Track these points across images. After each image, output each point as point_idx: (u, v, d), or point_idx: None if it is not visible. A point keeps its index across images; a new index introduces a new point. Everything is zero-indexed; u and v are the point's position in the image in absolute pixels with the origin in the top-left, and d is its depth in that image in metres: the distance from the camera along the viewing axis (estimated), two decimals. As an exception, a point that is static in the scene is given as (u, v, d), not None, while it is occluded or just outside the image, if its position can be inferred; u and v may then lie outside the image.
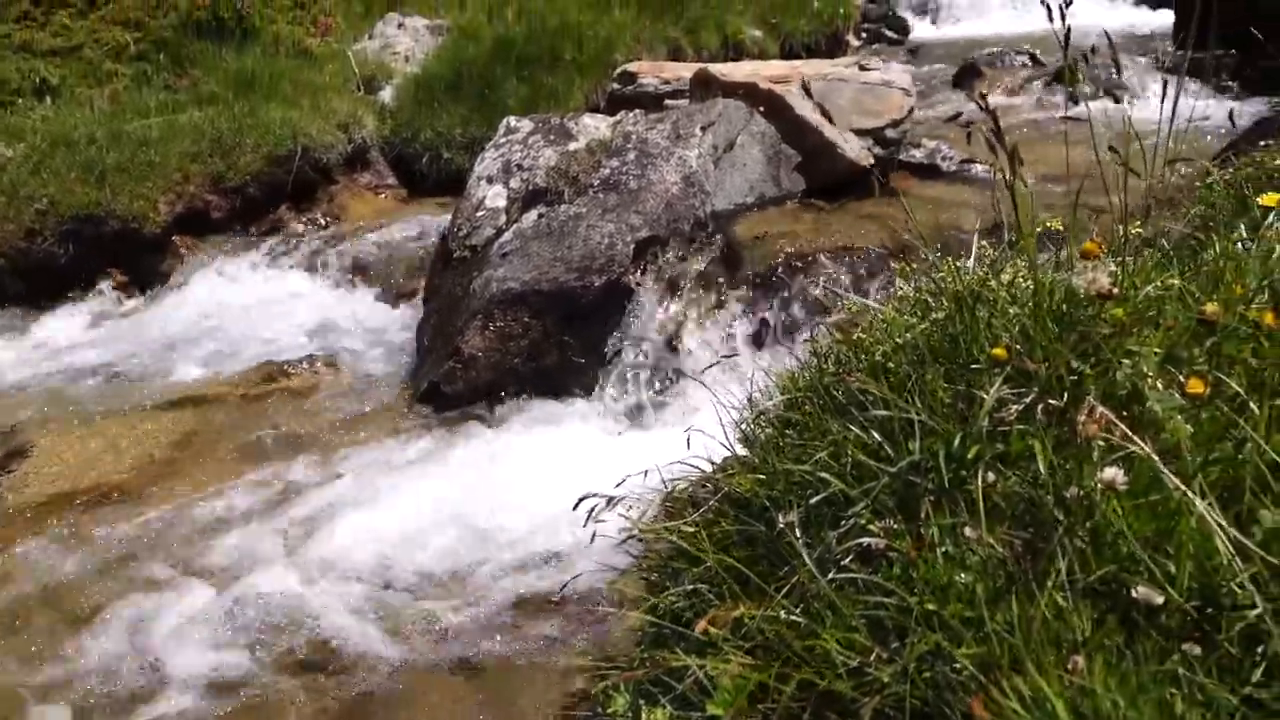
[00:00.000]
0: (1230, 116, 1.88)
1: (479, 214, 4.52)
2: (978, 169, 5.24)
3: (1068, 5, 1.63)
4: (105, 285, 5.35)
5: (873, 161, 4.77)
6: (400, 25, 7.37)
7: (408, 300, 4.83)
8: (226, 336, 4.72)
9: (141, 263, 5.45)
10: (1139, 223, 1.84)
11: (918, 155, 5.34)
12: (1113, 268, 1.58)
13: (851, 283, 3.78)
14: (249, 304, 4.98)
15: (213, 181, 5.73)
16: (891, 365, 1.76)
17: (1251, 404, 1.43)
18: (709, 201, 4.41)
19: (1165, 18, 9.09)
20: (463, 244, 4.46)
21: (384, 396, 4.11)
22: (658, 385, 3.78)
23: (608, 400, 3.80)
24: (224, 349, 4.62)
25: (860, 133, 4.85)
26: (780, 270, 3.97)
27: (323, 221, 6.00)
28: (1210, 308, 1.43)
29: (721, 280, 4.11)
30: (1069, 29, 1.90)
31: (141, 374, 4.46)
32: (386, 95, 6.88)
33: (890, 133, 4.94)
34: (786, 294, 3.86)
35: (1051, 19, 1.72)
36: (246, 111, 6.05)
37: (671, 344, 3.98)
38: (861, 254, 4.07)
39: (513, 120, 4.93)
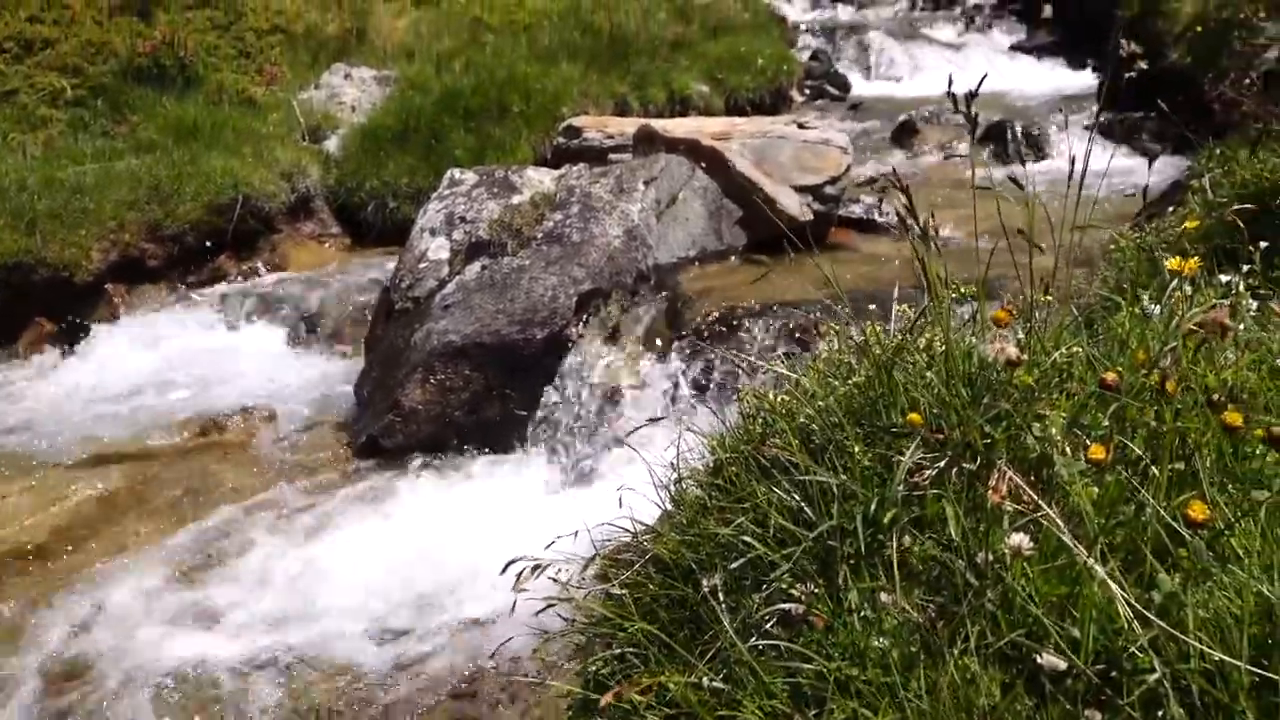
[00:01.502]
0: (1144, 192, 1.97)
1: (421, 266, 4.51)
2: (914, 224, 5.40)
3: (973, 98, 1.71)
4: (33, 335, 5.20)
5: (812, 217, 4.89)
6: (347, 75, 7.40)
7: (349, 351, 4.78)
8: (159, 388, 4.62)
9: (72, 312, 5.31)
10: (1048, 288, 1.92)
11: (857, 210, 5.49)
12: (1021, 335, 1.64)
13: (790, 337, 3.85)
14: (184, 354, 4.88)
15: (149, 230, 5.64)
16: (815, 427, 1.79)
17: (1153, 468, 1.49)
18: (651, 255, 4.47)
19: (1091, 79, 9.54)
20: (405, 296, 4.44)
21: (322, 451, 4.04)
22: (598, 438, 3.78)
23: (548, 453, 3.78)
24: (156, 401, 4.51)
25: (800, 189, 4.98)
26: (721, 323, 4.03)
27: (264, 271, 5.93)
28: (1110, 375, 1.49)
29: (663, 333, 4.15)
30: (975, 112, 1.99)
31: (66, 429, 4.32)
32: (332, 145, 6.87)
33: (829, 189, 5.08)
34: (727, 347, 3.90)
35: (952, 96, 1.79)
36: (187, 159, 5.99)
37: (613, 397, 3.99)
38: (800, 308, 4.15)
39: (457, 172, 4.96)
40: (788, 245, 4.84)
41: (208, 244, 5.83)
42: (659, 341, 4.09)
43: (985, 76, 2.38)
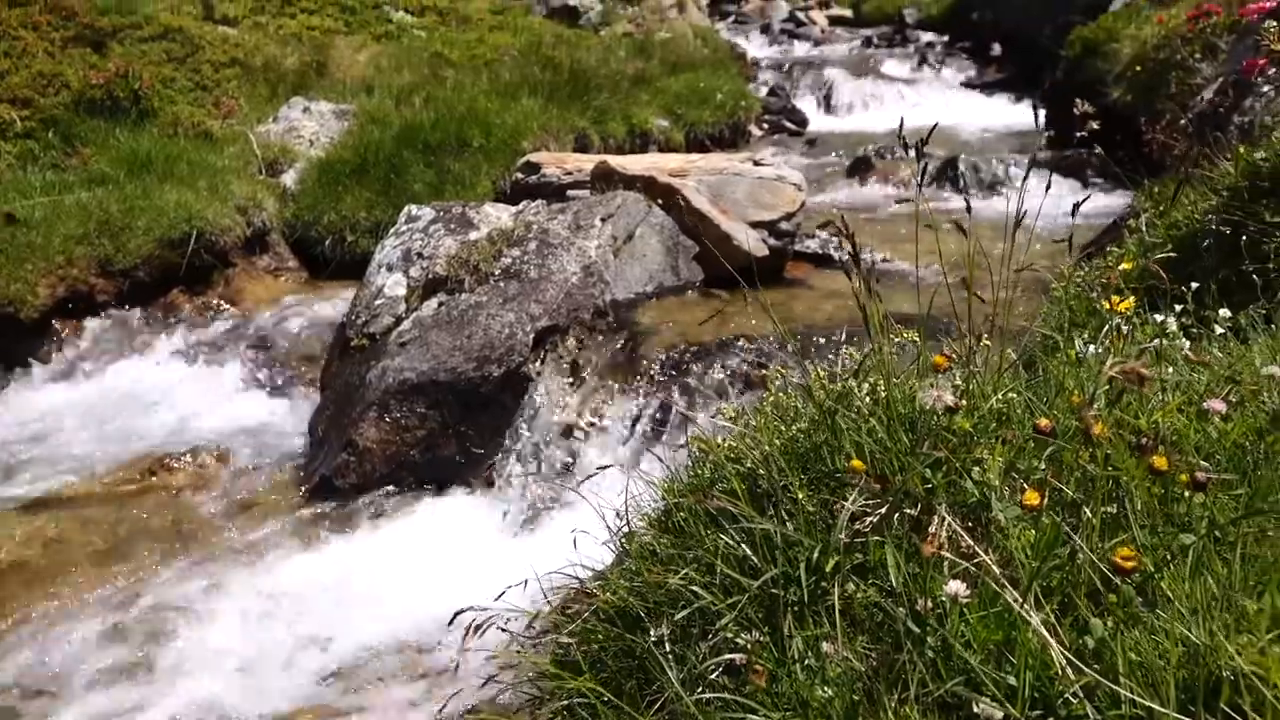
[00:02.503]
0: (1070, 240, 2.03)
1: (378, 302, 4.49)
2: (869, 258, 5.50)
3: (921, 155, 1.76)
4: (-26, 373, 5.07)
5: (768, 252, 4.96)
6: (306, 109, 7.37)
7: (304, 389, 4.72)
8: (104, 427, 4.51)
9: (16, 348, 5.18)
10: (990, 329, 1.96)
11: (812, 245, 5.58)
12: (958, 381, 1.68)
13: (745, 374, 3.88)
14: (131, 392, 4.78)
15: (99, 265, 5.54)
16: (762, 472, 1.81)
17: (1086, 510, 1.52)
18: (609, 291, 4.49)
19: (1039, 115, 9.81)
20: (361, 332, 4.41)
21: (273, 492, 3.97)
22: (555, 477, 3.76)
23: (505, 493, 3.76)
24: (100, 441, 4.40)
25: (756, 225, 5.04)
26: (678, 360, 4.05)
27: (217, 305, 5.84)
28: (1044, 421, 1.53)
29: (620, 369, 4.16)
30: (925, 153, 2.04)
31: (6, 469, 4.20)
32: (289, 178, 6.82)
33: (784, 225, 5.15)
34: (684, 384, 3.92)
35: (903, 137, 1.84)
36: (140, 193, 5.91)
37: (570, 434, 3.98)
38: (756, 343, 4.18)
39: (414, 208, 4.95)
40: (744, 280, 4.91)
41: (160, 279, 5.74)
42: (617, 378, 4.10)
43: (935, 126, 2.44)
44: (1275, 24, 2.90)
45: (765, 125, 10.36)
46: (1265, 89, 3.45)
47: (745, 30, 15.38)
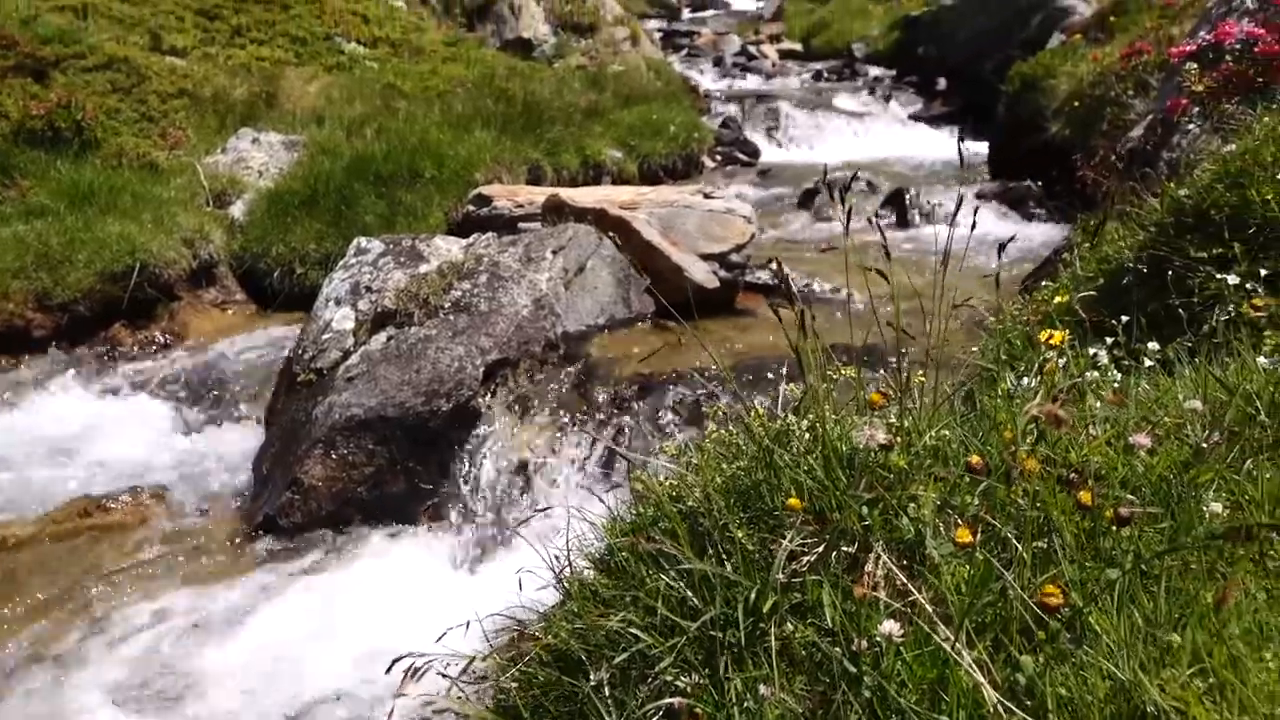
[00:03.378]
0: (997, 278, 2.07)
1: (325, 336, 4.42)
2: (818, 289, 5.57)
3: (845, 202, 1.79)
4: (-99, 412, 4.88)
5: (718, 284, 5.00)
6: (255, 140, 7.29)
7: (248, 425, 4.62)
8: (37, 467, 4.36)
9: (-52, 386, 5.01)
10: (927, 366, 1.99)
11: (763, 277, 5.63)
12: (893, 419, 1.70)
13: (693, 406, 3.89)
14: (67, 429, 4.63)
15: (37, 299, 5.40)
16: (703, 510, 1.81)
17: (1019, 546, 1.54)
18: (560, 323, 4.49)
19: (982, 147, 10.08)
20: (307, 367, 4.34)
21: (215, 532, 3.87)
22: (505, 512, 3.72)
23: (454, 530, 3.71)
24: (33, 481, 4.25)
25: (706, 257, 5.09)
26: (629, 392, 4.05)
27: (161, 340, 5.71)
28: (975, 459, 1.55)
29: (572, 402, 4.14)
30: (871, 182, 2.08)
31: (-67, 514, 4.04)
32: (238, 210, 6.73)
33: (735, 257, 5.21)
34: (634, 417, 3.92)
35: (823, 188, 1.88)
36: (81, 225, 5.78)
37: (520, 469, 3.95)
38: (706, 375, 4.20)
39: (363, 241, 4.91)
40: (695, 312, 4.94)
41: (101, 313, 5.60)
42: (568, 411, 4.08)
43: (854, 176, 2.49)
44: (1195, 66, 3.02)
45: (718, 157, 10.50)
46: (1190, 127, 3.58)
47: (698, 63, 15.62)
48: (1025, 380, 2.17)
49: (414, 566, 3.44)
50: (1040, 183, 7.66)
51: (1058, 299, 2.76)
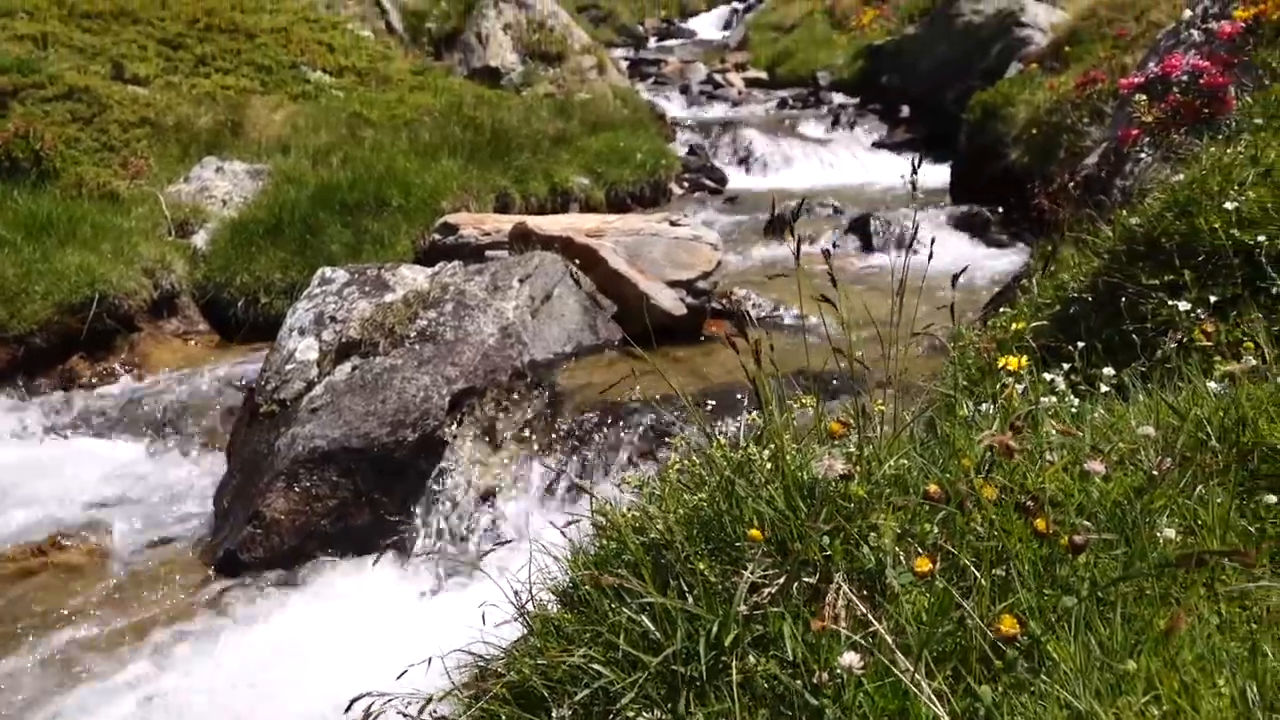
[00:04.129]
0: (952, 308, 2.10)
1: (289, 367, 4.37)
2: (785, 315, 5.62)
3: (794, 233, 1.81)
4: None
5: (685, 311, 5.02)
6: (219, 169, 7.23)
7: (209, 458, 4.54)
8: (-9, 505, 4.25)
9: (-104, 422, 4.88)
10: (890, 392, 2.01)
11: (730, 303, 5.67)
12: (852, 448, 1.71)
13: (661, 434, 3.88)
14: (20, 464, 4.52)
15: (-9, 332, 5.29)
16: (665, 542, 1.80)
17: (978, 574, 1.55)
18: (526, 352, 4.48)
19: (946, 173, 10.25)
20: (270, 398, 4.28)
21: (174, 569, 3.78)
22: (471, 543, 3.68)
23: (419, 561, 3.66)
24: (-13, 520, 4.14)
25: (673, 284, 5.11)
26: (595, 421, 4.04)
27: (120, 372, 5.61)
28: (933, 488, 1.56)
29: (539, 430, 4.12)
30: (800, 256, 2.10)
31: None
32: (201, 239, 6.66)
33: (701, 284, 5.24)
34: (600, 445, 3.91)
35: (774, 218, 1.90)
36: (38, 256, 5.69)
37: (487, 498, 3.91)
38: (674, 402, 4.21)
39: (328, 270, 4.87)
40: (663, 339, 4.96)
41: (59, 345, 5.50)
42: (535, 440, 4.06)
43: (801, 204, 2.51)
44: (1145, 97, 3.11)
45: (685, 183, 10.58)
46: (1142, 156, 3.67)
47: (664, 91, 15.77)
48: (985, 406, 2.20)
49: (378, 600, 3.39)
50: (1002, 208, 7.81)
51: (1016, 326, 2.80)
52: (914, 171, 1.93)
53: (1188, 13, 4.25)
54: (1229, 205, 2.45)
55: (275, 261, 6.42)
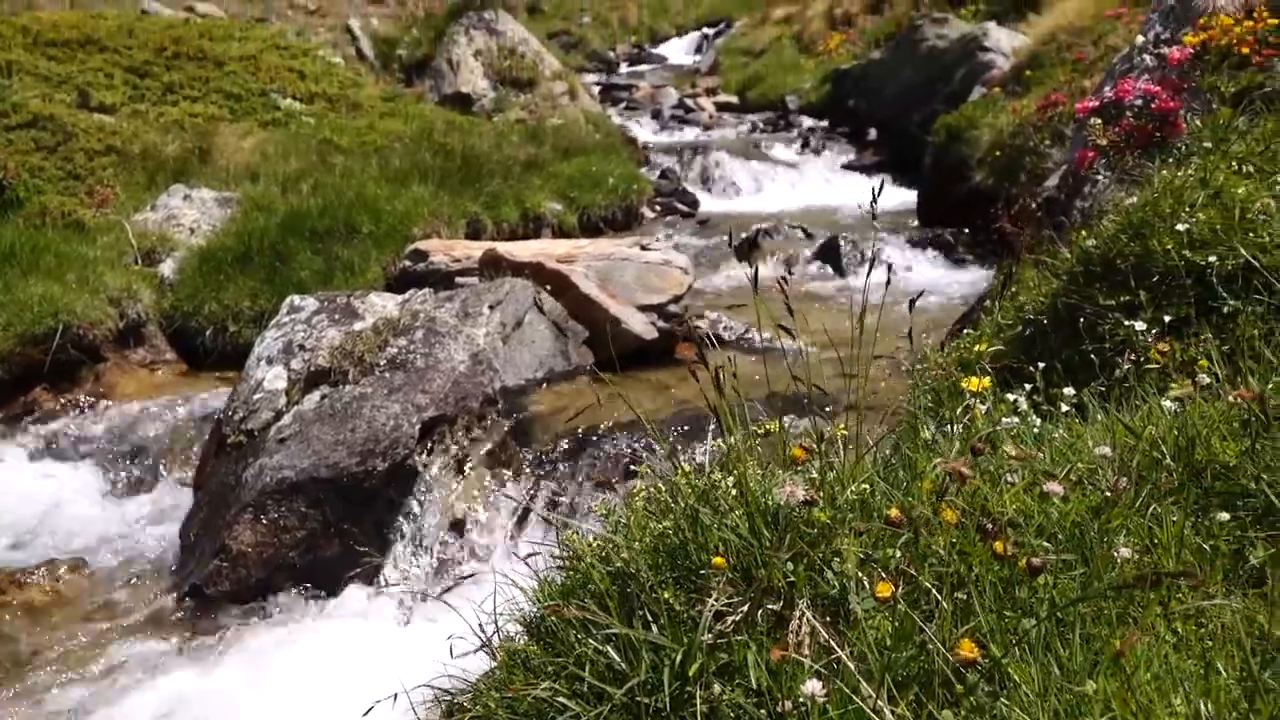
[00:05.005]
0: (910, 333, 2.12)
1: (256, 397, 4.33)
2: (757, 337, 5.65)
3: (752, 261, 1.83)
4: None
5: (657, 335, 5.03)
6: (187, 196, 7.18)
7: (176, 490, 4.47)
8: (-51, 543, 4.15)
9: None
10: (851, 418, 2.03)
11: (702, 326, 5.70)
12: (814, 473, 1.72)
13: (631, 461, 3.88)
14: (-18, 501, 4.43)
15: (-49, 365, 5.19)
16: (632, 570, 1.80)
17: (940, 597, 1.56)
18: (498, 378, 4.46)
19: (913, 195, 10.38)
20: (238, 429, 4.23)
21: (139, 605, 3.71)
22: (442, 573, 3.65)
23: (390, 592, 3.62)
24: (-56, 558, 4.05)
25: (644, 308, 5.13)
26: (568, 447, 4.03)
27: (85, 403, 5.52)
28: (894, 512, 1.57)
29: (510, 458, 4.11)
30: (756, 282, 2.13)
31: None
32: (168, 268, 6.59)
33: (672, 307, 5.26)
34: (572, 471, 3.90)
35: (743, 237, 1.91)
36: (0, 287, 5.60)
37: (459, 527, 3.88)
38: (644, 428, 4.21)
39: (296, 299, 4.84)
40: (635, 363, 4.97)
41: (22, 377, 5.40)
42: (506, 468, 4.04)
43: (751, 233, 2.54)
44: (1099, 121, 3.19)
45: (657, 207, 10.64)
46: (1100, 177, 3.75)
47: (636, 116, 15.90)
48: (949, 428, 2.22)
49: (347, 633, 3.34)
50: (968, 229, 7.93)
51: (979, 347, 2.84)
52: (873, 201, 1.96)
53: (1140, 38, 4.36)
54: (1181, 227, 2.51)
55: (244, 289, 6.37)
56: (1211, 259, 2.44)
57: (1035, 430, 2.21)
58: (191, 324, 6.26)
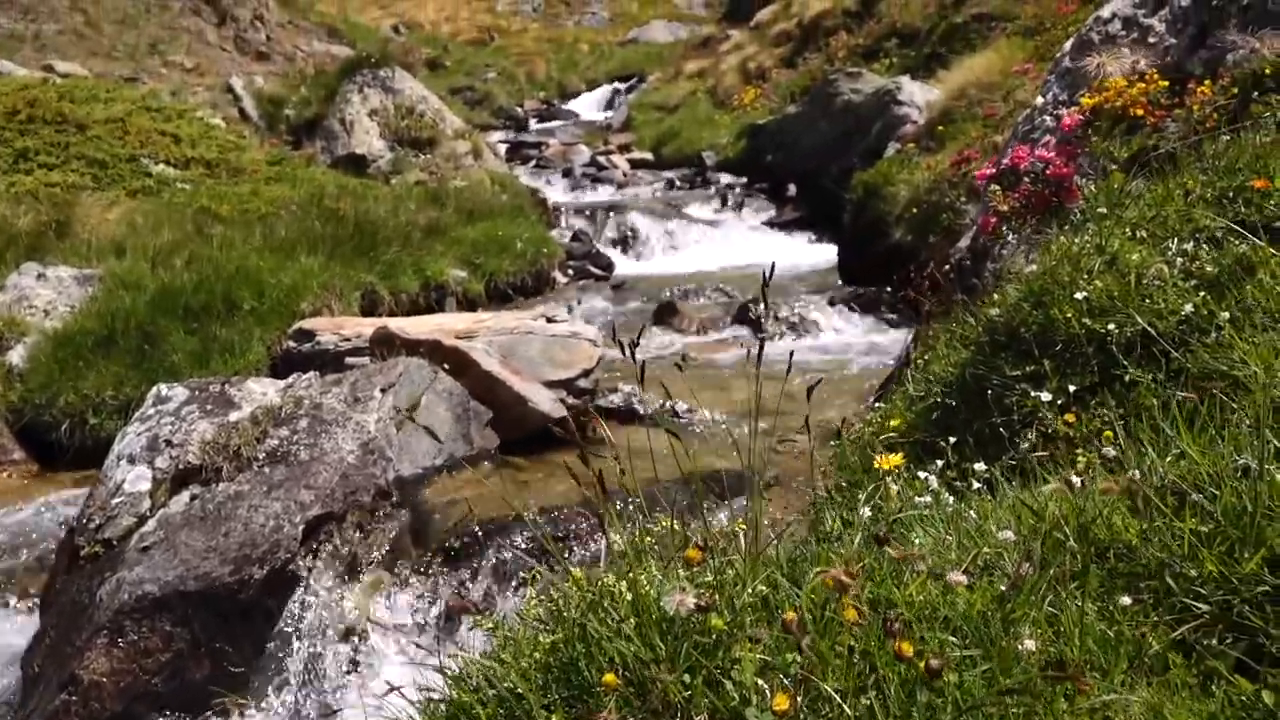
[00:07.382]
0: (809, 391, 2.18)
1: (116, 501, 4.15)
2: (677, 407, 5.71)
3: (635, 350, 1.87)
4: None
5: (565, 413, 5.04)
6: (40, 275, 6.94)
7: (19, 614, 4.22)
8: None
9: None
10: (750, 512, 2.06)
11: (615, 400, 5.73)
12: (709, 578, 1.74)
13: (538, 552, 3.84)
14: None
15: None
16: (522, 691, 1.77)
17: (844, 705, 1.58)
18: (392, 468, 4.39)
19: (833, 252, 10.73)
20: (93, 538, 4.04)
21: (-30, 749, 3.46)
22: (328, 692, 3.51)
23: (271, 717, 3.46)
24: None
25: (552, 384, 5.14)
26: (467, 543, 3.97)
27: (-85, 514, 5.20)
28: (790, 615, 1.60)
29: (405, 557, 4.02)
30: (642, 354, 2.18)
31: None
32: (17, 355, 6.33)
33: (582, 382, 5.29)
34: (472, 570, 3.83)
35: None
36: None
37: (349, 636, 3.76)
38: (555, 513, 4.18)
39: (164, 388, 4.70)
40: (543, 444, 4.95)
41: None
42: (401, 568, 3.95)
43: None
44: (998, 188, 3.39)
45: (570, 271, 10.75)
46: (1010, 238, 3.96)
47: (546, 175, 16.14)
48: (859, 510, 2.28)
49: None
50: (890, 288, 8.23)
51: (892, 422, 2.93)
52: (764, 285, 2.02)
53: (1040, 99, 4.67)
54: (1079, 295, 2.66)
55: (107, 377, 6.15)
56: (1111, 326, 2.60)
57: (948, 509, 2.29)
58: (44, 418, 6.01)
